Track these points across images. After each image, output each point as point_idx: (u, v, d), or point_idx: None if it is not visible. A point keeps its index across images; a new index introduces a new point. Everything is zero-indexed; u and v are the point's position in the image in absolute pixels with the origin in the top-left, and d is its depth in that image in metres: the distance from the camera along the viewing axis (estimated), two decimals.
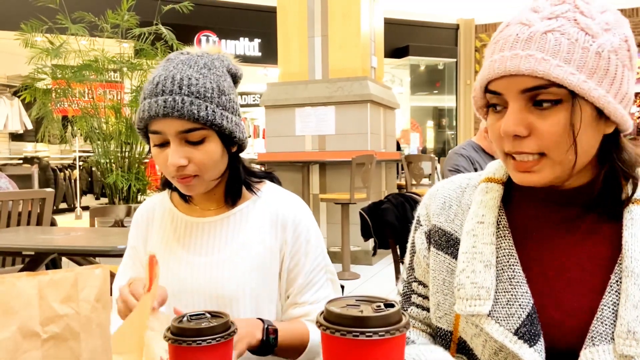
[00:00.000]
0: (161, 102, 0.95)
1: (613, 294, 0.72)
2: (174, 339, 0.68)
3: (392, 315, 0.54)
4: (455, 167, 2.98)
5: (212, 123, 0.98)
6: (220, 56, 1.07)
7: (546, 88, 0.70)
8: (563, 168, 0.74)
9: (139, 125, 1.01)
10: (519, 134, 0.72)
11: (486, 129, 2.95)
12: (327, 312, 0.56)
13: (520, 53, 0.70)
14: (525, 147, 0.73)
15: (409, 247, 0.94)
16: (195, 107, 0.96)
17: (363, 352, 0.53)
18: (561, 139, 0.71)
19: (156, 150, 1.01)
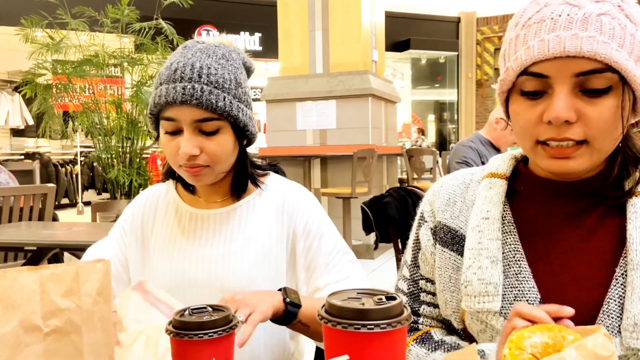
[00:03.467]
0: (180, 89, 0.95)
1: (619, 287, 0.72)
2: (175, 333, 0.68)
3: (394, 307, 0.54)
4: (464, 160, 2.93)
5: (229, 114, 0.98)
6: (236, 48, 1.06)
7: (601, 72, 0.68)
8: (599, 156, 0.73)
9: (152, 111, 1.00)
10: (570, 120, 0.69)
11: (497, 119, 2.88)
12: (329, 305, 0.56)
13: (580, 34, 0.67)
14: (570, 134, 0.70)
15: (411, 243, 0.93)
16: (214, 96, 0.96)
17: (365, 344, 0.53)
18: (607, 127, 0.70)
19: (166, 137, 1.00)
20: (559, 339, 0.61)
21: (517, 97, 0.75)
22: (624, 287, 0.72)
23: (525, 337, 0.61)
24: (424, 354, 0.82)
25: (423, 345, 0.84)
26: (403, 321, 0.54)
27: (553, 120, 0.70)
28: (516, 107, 0.75)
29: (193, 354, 0.68)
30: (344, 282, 1.05)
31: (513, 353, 0.60)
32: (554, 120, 0.69)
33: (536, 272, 0.77)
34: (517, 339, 0.61)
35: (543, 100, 0.71)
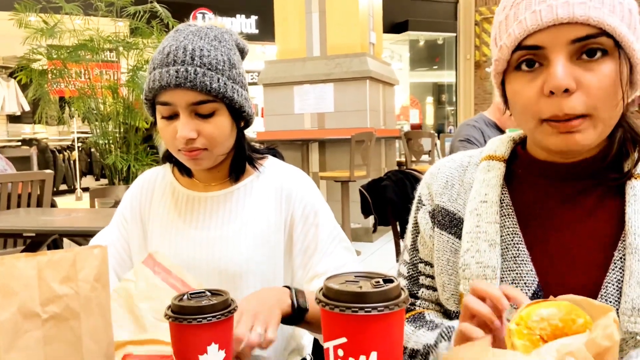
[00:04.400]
0: (173, 72, 0.94)
1: (617, 271, 0.72)
2: (174, 317, 0.68)
3: (391, 290, 0.54)
4: (467, 138, 2.88)
5: (224, 96, 0.97)
6: (228, 30, 1.05)
7: (596, 37, 0.67)
8: (604, 128, 0.72)
9: (147, 96, 0.99)
10: (570, 88, 0.68)
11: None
12: (326, 288, 0.56)
13: (570, 1, 0.67)
14: (571, 108, 0.69)
15: (410, 227, 0.93)
16: (208, 78, 0.95)
17: (363, 327, 0.53)
18: (608, 93, 0.69)
19: (163, 122, 0.99)
20: (568, 322, 0.61)
21: (513, 75, 0.74)
22: (622, 270, 0.72)
23: (535, 315, 0.61)
24: (410, 332, 0.83)
25: (413, 323, 0.85)
26: (400, 303, 0.54)
27: (554, 89, 0.68)
28: (514, 86, 0.74)
29: (192, 338, 0.68)
30: (342, 269, 1.05)
31: (521, 331, 0.61)
32: (555, 88, 0.68)
33: (534, 256, 0.77)
34: (526, 315, 0.61)
35: (540, 73, 0.71)
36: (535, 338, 0.60)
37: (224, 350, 0.70)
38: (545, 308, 0.61)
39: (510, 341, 0.61)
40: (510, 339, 0.61)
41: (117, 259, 1.13)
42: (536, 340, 0.60)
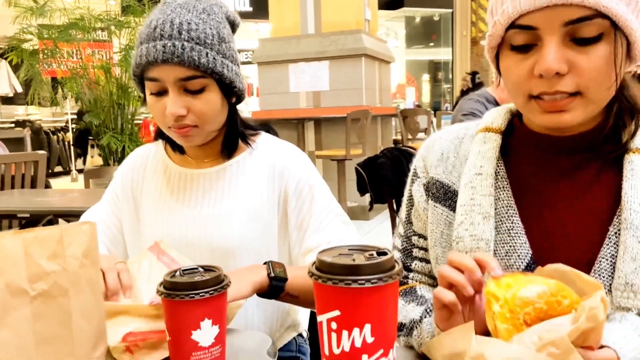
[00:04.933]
0: (160, 47, 0.92)
1: (611, 246, 0.71)
2: (167, 294, 0.68)
3: (385, 262, 0.53)
4: (471, 112, 2.79)
5: (213, 71, 0.95)
6: (218, 2, 1.02)
7: (591, 19, 0.66)
8: (594, 107, 0.71)
9: (134, 72, 0.97)
10: (561, 71, 0.67)
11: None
12: (319, 261, 0.55)
13: None
14: (562, 86, 0.68)
15: (405, 200, 0.92)
16: (196, 53, 0.93)
17: (356, 300, 0.52)
18: (600, 76, 0.68)
19: (152, 99, 0.97)
20: (553, 304, 0.60)
21: (507, 52, 0.73)
22: (616, 246, 0.71)
23: (518, 299, 0.60)
24: (400, 306, 0.82)
25: (404, 297, 0.84)
26: (394, 276, 0.53)
27: (544, 73, 0.68)
28: (507, 63, 0.73)
29: (185, 315, 0.68)
30: (340, 243, 1.04)
31: (504, 314, 0.60)
32: (545, 72, 0.67)
33: (529, 229, 0.76)
34: (511, 299, 0.60)
35: (533, 53, 0.69)
36: (518, 322, 0.60)
37: (218, 326, 0.69)
38: (529, 289, 0.61)
39: (493, 322, 0.61)
40: (494, 320, 0.61)
41: (108, 236, 1.12)
42: (519, 325, 0.60)
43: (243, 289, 0.85)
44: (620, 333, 0.63)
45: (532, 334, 0.57)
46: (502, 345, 0.57)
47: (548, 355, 0.55)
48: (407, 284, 0.89)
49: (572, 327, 0.57)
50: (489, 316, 0.61)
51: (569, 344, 0.55)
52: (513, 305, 0.60)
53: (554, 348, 0.55)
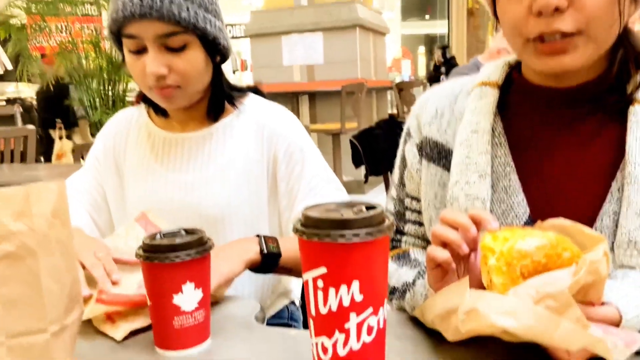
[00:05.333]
0: (137, 1, 0.86)
1: (614, 202, 0.68)
2: (145, 257, 0.64)
3: (374, 217, 0.50)
4: None
5: (195, 26, 0.89)
6: None
7: None
8: (595, 48, 0.67)
9: (111, 28, 0.92)
10: (561, 6, 0.63)
11: (499, 50, 2.73)
12: (305, 217, 0.51)
13: None
14: (561, 24, 0.64)
15: (398, 161, 0.89)
16: (176, 7, 0.87)
17: (343, 256, 0.48)
18: (602, 12, 0.64)
19: (131, 58, 0.92)
20: (553, 257, 0.57)
21: None
22: (619, 202, 0.68)
23: (516, 251, 0.57)
24: (393, 270, 0.80)
25: (397, 261, 0.81)
26: (384, 230, 0.49)
27: (542, 9, 0.63)
28: (503, 4, 0.69)
29: (166, 278, 0.64)
30: None
31: (500, 267, 0.57)
32: (543, 8, 0.63)
33: (527, 186, 0.73)
34: (508, 251, 0.57)
35: None
36: (515, 276, 0.57)
37: (201, 289, 0.66)
38: (527, 242, 0.57)
39: (488, 277, 0.58)
40: (489, 275, 0.58)
41: (91, 204, 1.08)
42: (516, 278, 0.57)
43: (235, 268, 0.82)
44: (622, 290, 0.60)
45: (530, 287, 0.54)
46: (497, 298, 0.54)
47: (546, 308, 0.52)
48: (401, 247, 0.86)
49: (572, 280, 0.53)
50: (484, 271, 0.58)
51: (568, 298, 0.52)
52: (510, 258, 0.56)
53: (552, 301, 0.52)
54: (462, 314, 0.54)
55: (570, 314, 0.52)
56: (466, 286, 0.55)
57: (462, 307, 0.54)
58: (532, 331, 0.52)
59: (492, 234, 0.59)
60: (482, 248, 0.59)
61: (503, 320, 0.52)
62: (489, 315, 0.52)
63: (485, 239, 0.59)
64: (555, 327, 0.51)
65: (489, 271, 0.57)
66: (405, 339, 0.67)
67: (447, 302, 0.57)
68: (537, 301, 0.53)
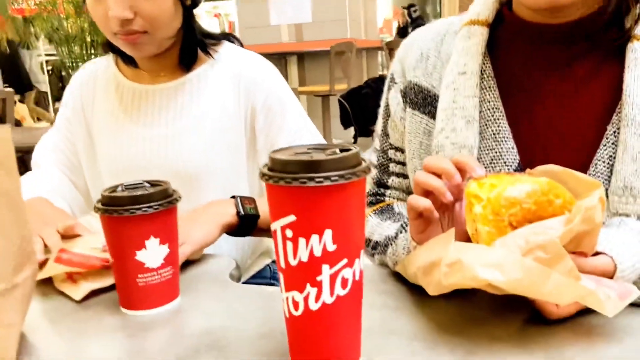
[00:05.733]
0: None
1: (609, 146, 0.64)
2: (104, 210, 0.59)
3: (348, 158, 0.45)
4: None
5: None
6: None
7: None
8: None
9: None
10: None
11: None
12: (271, 160, 0.46)
13: None
14: None
15: (381, 110, 0.84)
16: None
17: (313, 202, 0.43)
18: None
19: (92, 1, 0.85)
20: (544, 204, 0.53)
21: None
22: (615, 146, 0.63)
23: (504, 199, 0.52)
24: (376, 224, 0.75)
25: (380, 215, 0.77)
26: (359, 173, 0.44)
27: None
28: None
29: (127, 232, 0.59)
30: None
31: (486, 216, 0.52)
32: None
33: (517, 132, 0.68)
34: (495, 199, 0.53)
35: None
36: (503, 225, 0.52)
37: (167, 245, 0.61)
38: (517, 188, 0.53)
39: (474, 226, 0.53)
40: (474, 224, 0.53)
41: (66, 164, 1.02)
42: (504, 227, 0.52)
43: (210, 234, 0.78)
44: (618, 238, 0.56)
45: (518, 237, 0.50)
46: (483, 250, 0.50)
47: (535, 260, 0.48)
48: (384, 201, 0.81)
49: (564, 229, 0.49)
50: (469, 219, 0.54)
51: (560, 248, 0.48)
52: (497, 206, 0.52)
53: (542, 252, 0.48)
54: (445, 266, 0.49)
55: (562, 266, 0.48)
56: (451, 238, 0.51)
57: (446, 259, 0.49)
58: (519, 285, 0.48)
59: (478, 181, 0.55)
60: (467, 195, 0.54)
61: (488, 273, 0.48)
62: (474, 268, 0.48)
63: (470, 186, 0.55)
64: (545, 280, 0.47)
65: (474, 219, 0.53)
66: (386, 294, 0.63)
67: (430, 254, 0.53)
68: (525, 252, 0.49)
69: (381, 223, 0.75)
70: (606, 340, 0.51)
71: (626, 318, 0.54)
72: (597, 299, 0.49)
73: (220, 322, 0.59)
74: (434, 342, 0.52)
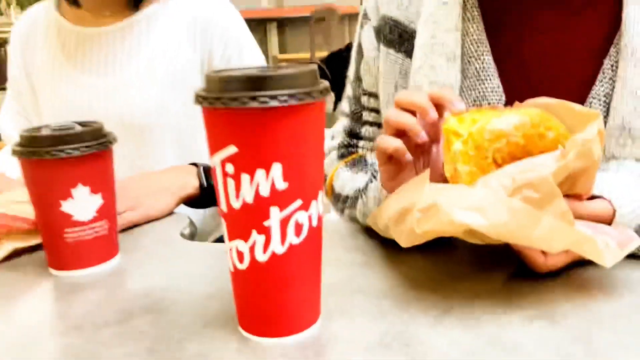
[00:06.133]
0: None
1: (606, 82, 0.57)
2: (22, 152, 0.50)
3: (302, 75, 0.36)
4: None
5: None
6: None
7: None
8: None
9: None
10: None
11: None
12: (208, 80, 0.38)
13: None
14: None
15: (354, 53, 0.76)
16: None
17: (258, 128, 0.35)
18: None
19: None
20: (534, 138, 0.45)
21: None
22: (612, 82, 0.57)
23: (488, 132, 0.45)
24: (348, 177, 0.68)
25: (352, 167, 0.69)
26: (315, 94, 0.36)
27: None
28: None
29: (49, 179, 0.50)
30: None
31: (466, 152, 0.44)
32: None
33: (503, 69, 0.61)
34: (478, 132, 0.45)
35: None
36: (486, 162, 0.44)
37: (100, 195, 0.53)
38: (503, 120, 0.45)
39: (453, 166, 0.46)
40: (453, 163, 0.46)
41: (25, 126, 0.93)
42: (487, 165, 0.45)
43: (165, 208, 0.70)
44: (616, 181, 0.49)
45: (503, 175, 0.42)
46: (462, 191, 0.42)
47: (523, 200, 0.40)
48: (357, 152, 0.74)
49: (558, 165, 0.42)
50: (448, 160, 0.46)
51: (552, 187, 0.41)
52: (480, 140, 0.44)
53: (532, 191, 0.41)
54: (419, 211, 0.42)
55: (554, 208, 0.41)
56: (425, 180, 0.43)
57: (419, 203, 0.42)
58: (504, 229, 0.40)
59: (457, 116, 0.47)
60: (446, 132, 0.47)
61: (468, 217, 0.40)
62: (452, 211, 0.40)
63: (449, 121, 0.47)
64: (534, 223, 0.40)
65: (453, 159, 0.45)
66: (355, 250, 0.56)
67: (401, 201, 0.45)
68: (512, 192, 0.41)
69: (353, 176, 0.68)
70: (602, 296, 0.44)
71: (623, 271, 0.48)
72: (595, 246, 0.41)
73: (162, 282, 0.51)
74: (406, 302, 0.44)
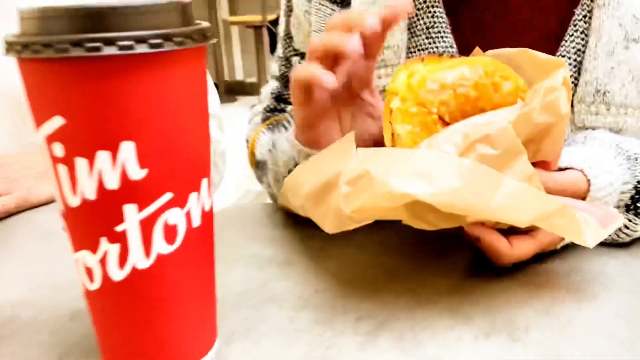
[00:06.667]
0: None
1: (577, 37, 0.49)
2: None
3: (161, 10, 0.25)
4: None
5: None
6: None
7: None
8: None
9: None
10: None
11: None
12: (21, 17, 0.25)
13: None
14: None
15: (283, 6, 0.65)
16: None
17: (97, 88, 0.24)
18: None
19: None
20: (487, 89, 0.35)
21: None
22: (585, 36, 0.48)
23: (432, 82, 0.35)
24: (267, 141, 0.58)
25: (272, 131, 0.59)
26: (180, 37, 0.24)
27: None
28: None
29: None
30: None
31: (406, 110, 0.34)
32: None
33: (459, 24, 0.52)
34: (419, 84, 0.35)
35: None
36: (430, 119, 0.35)
37: None
38: (451, 71, 0.35)
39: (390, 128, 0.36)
40: (392, 127, 0.36)
41: None
42: (432, 124, 0.35)
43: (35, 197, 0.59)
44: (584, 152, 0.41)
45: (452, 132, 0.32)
46: (401, 154, 0.32)
47: (479, 159, 0.31)
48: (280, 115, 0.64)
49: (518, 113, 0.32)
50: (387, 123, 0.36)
51: (514, 140, 0.31)
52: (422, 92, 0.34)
53: (489, 147, 0.31)
54: (346, 184, 0.31)
55: (518, 167, 0.32)
56: (350, 144, 0.33)
57: (346, 173, 0.32)
58: (457, 197, 0.30)
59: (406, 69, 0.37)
60: (387, 94, 0.36)
61: (410, 185, 0.30)
62: (389, 180, 0.30)
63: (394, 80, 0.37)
64: (493, 188, 0.30)
65: (391, 120, 0.35)
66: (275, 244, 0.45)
67: (322, 173, 0.34)
68: (465, 150, 0.32)
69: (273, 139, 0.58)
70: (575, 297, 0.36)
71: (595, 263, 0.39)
72: (572, 220, 0.32)
73: (18, 295, 0.39)
74: (331, 313, 0.34)
